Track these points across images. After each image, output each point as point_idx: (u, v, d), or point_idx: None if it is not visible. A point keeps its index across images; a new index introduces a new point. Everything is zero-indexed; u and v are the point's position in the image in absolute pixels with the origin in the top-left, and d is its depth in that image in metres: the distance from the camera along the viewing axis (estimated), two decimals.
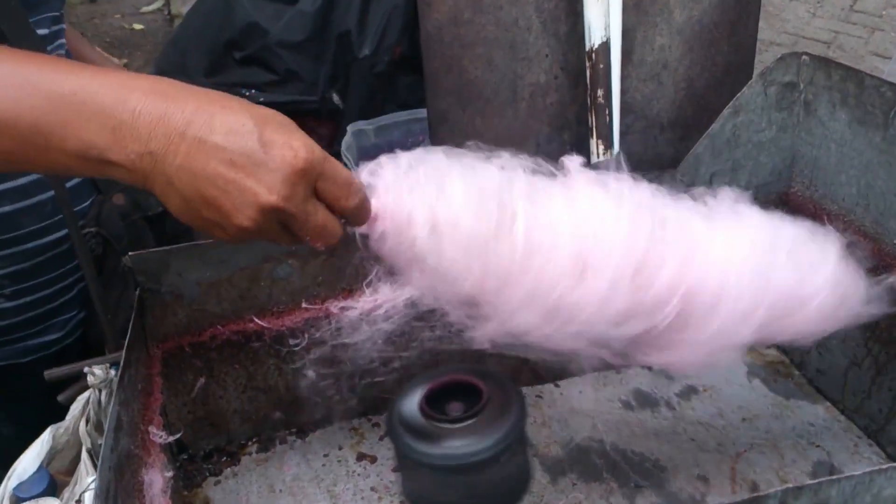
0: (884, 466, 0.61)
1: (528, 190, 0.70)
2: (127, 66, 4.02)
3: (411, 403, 0.79)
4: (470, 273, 0.68)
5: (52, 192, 0.96)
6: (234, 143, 0.61)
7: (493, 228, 0.67)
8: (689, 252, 0.72)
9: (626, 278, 0.70)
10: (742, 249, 0.74)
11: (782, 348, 1.13)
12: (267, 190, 0.61)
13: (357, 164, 0.77)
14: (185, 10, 1.82)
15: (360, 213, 0.67)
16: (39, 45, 0.92)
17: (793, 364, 1.11)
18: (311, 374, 0.93)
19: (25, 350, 1.05)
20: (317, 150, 0.64)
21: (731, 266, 0.73)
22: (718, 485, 0.92)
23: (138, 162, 0.60)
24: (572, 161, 0.73)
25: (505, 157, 0.72)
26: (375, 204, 0.68)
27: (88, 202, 1.06)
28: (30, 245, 0.99)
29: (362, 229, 0.69)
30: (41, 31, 0.96)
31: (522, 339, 0.72)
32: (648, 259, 0.70)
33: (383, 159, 0.70)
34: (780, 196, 1.08)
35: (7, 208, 0.95)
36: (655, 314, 0.71)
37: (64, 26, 1.04)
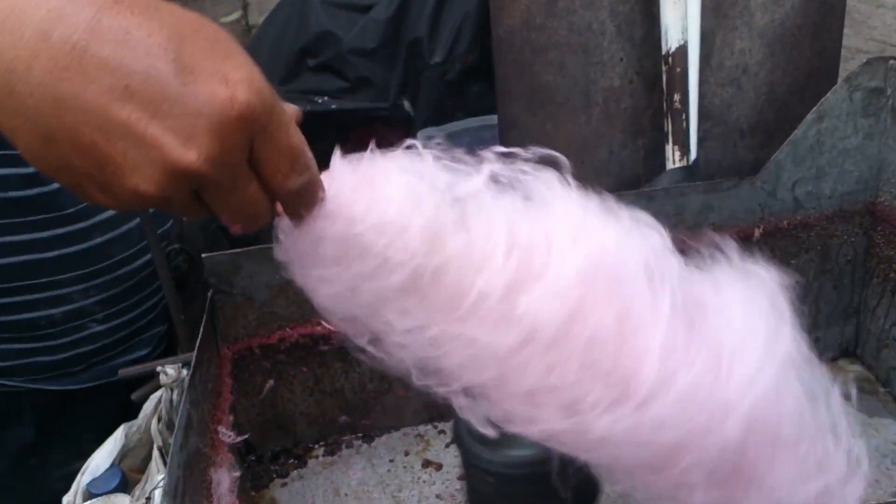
0: None
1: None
2: None
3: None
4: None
5: (137, 220, 0.97)
6: (134, 63, 0.39)
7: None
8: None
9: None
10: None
11: (867, 364, 1.08)
12: (182, 143, 0.40)
13: None
14: (262, 20, 1.86)
15: (302, 198, 0.47)
16: None
17: (878, 380, 1.06)
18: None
19: (114, 369, 1.03)
20: (265, 92, 0.42)
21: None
22: None
23: None
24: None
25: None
26: (333, 190, 0.48)
27: (170, 223, 1.06)
28: (119, 272, 0.99)
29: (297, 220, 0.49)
30: None
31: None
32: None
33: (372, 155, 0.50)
34: (867, 206, 1.03)
35: (98, 240, 0.96)
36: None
37: None
